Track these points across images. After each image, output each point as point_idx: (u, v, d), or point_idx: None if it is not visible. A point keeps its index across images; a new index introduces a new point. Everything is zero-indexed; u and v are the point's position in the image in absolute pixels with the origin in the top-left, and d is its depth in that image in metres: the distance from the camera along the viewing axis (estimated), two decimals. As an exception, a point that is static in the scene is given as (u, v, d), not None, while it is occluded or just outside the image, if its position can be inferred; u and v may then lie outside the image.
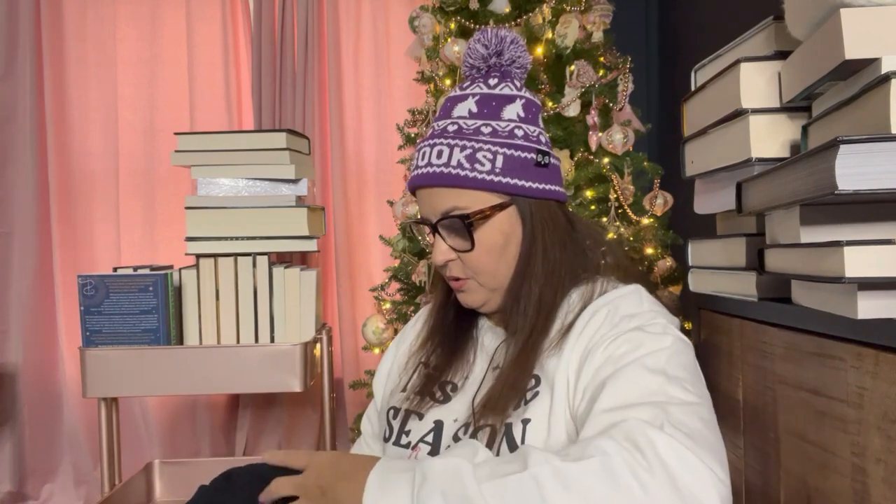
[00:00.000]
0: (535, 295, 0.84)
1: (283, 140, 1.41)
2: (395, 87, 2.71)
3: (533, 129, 0.87)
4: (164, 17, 2.66)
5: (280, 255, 1.57)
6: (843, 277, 0.70)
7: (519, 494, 0.62)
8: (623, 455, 0.61)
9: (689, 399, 0.70)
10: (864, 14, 0.74)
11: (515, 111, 0.86)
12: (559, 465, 0.62)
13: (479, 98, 0.86)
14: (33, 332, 2.52)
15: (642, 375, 0.72)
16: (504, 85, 0.87)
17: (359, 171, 2.72)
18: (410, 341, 0.99)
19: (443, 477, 0.65)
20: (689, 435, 0.64)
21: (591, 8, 1.91)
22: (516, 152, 0.84)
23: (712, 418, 0.71)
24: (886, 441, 0.67)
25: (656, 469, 0.60)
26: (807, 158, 0.74)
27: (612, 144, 1.83)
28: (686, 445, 0.62)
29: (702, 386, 0.76)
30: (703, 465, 0.62)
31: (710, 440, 0.66)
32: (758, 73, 0.96)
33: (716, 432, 0.69)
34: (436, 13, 1.96)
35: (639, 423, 0.64)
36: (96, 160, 2.63)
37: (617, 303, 0.82)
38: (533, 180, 0.85)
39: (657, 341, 0.75)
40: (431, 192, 0.86)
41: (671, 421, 0.65)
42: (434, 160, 0.84)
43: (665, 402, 0.68)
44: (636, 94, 1.99)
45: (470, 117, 0.85)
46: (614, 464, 0.61)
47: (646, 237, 1.86)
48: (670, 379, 0.71)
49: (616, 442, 0.63)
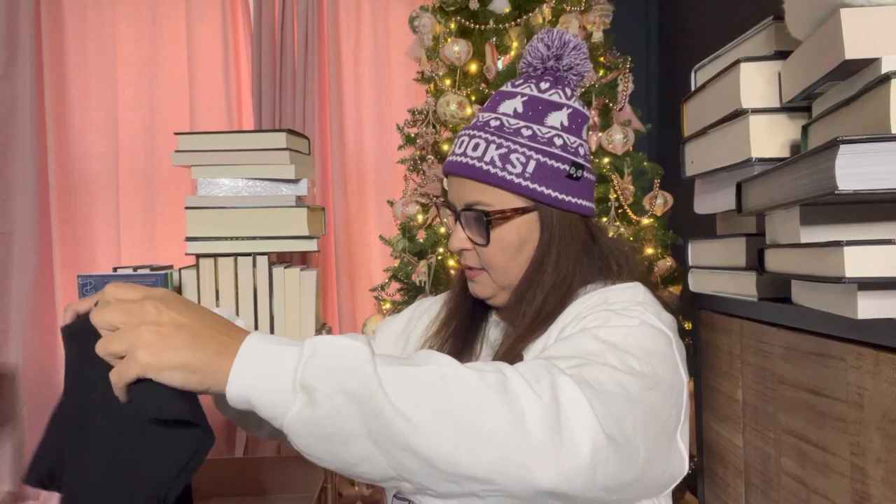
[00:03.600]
0: (538, 302, 0.84)
1: (283, 140, 1.40)
2: (395, 87, 2.71)
3: (573, 140, 0.87)
4: (164, 17, 2.66)
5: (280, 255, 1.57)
6: (843, 277, 0.70)
7: (415, 385, 0.59)
8: (518, 378, 0.61)
9: (621, 368, 0.68)
10: (864, 14, 0.74)
11: (560, 119, 0.86)
12: (458, 370, 0.61)
13: (527, 99, 0.87)
14: (33, 332, 2.52)
15: (589, 340, 0.72)
16: (554, 91, 0.87)
17: (359, 171, 2.72)
18: (425, 326, 1.00)
19: (335, 355, 0.58)
20: (596, 391, 0.63)
21: (591, 8, 1.91)
22: (550, 160, 0.84)
23: (642, 397, 0.68)
24: (886, 441, 0.67)
25: (546, 398, 0.60)
26: (807, 158, 0.74)
27: (612, 144, 1.83)
28: (584, 392, 0.62)
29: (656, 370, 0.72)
30: (592, 412, 0.61)
31: (618, 405, 0.64)
32: (758, 73, 0.96)
33: (632, 406, 0.66)
34: (436, 13, 1.96)
35: (548, 364, 0.64)
36: (96, 160, 2.63)
37: (609, 292, 0.83)
38: (561, 191, 0.85)
39: (622, 320, 0.75)
40: (461, 181, 0.87)
41: (584, 373, 0.65)
42: (469, 151, 0.85)
43: (594, 361, 0.68)
44: (636, 94, 1.99)
45: (514, 116, 0.86)
46: (510, 384, 0.61)
47: (646, 237, 1.86)
48: (615, 349, 0.70)
49: (516, 369, 0.63)
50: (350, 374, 0.57)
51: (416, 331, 1.01)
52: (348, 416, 0.56)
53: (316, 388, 0.56)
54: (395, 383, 0.58)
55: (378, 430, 0.57)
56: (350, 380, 0.57)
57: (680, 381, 0.76)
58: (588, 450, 0.60)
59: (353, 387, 0.57)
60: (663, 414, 0.71)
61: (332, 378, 0.57)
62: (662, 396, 0.71)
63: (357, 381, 0.57)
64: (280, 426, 0.57)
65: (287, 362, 0.58)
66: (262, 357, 0.58)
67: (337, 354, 0.59)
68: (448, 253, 1.85)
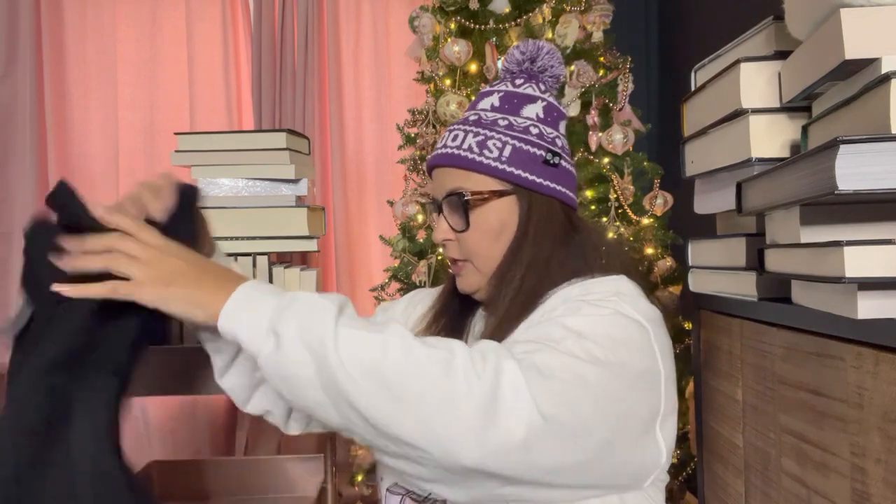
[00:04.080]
0: (517, 282, 0.85)
1: (283, 140, 1.40)
2: (395, 87, 2.71)
3: (550, 131, 0.90)
4: (164, 17, 2.66)
5: (280, 255, 1.57)
6: (843, 277, 0.70)
7: (366, 348, 0.65)
8: (465, 357, 0.66)
9: (581, 356, 0.69)
10: (864, 14, 0.74)
11: (535, 111, 0.89)
12: (410, 342, 0.66)
13: (503, 94, 0.91)
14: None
15: (554, 328, 0.74)
16: (528, 85, 0.91)
17: (359, 171, 2.72)
18: (419, 316, 1.01)
19: (307, 308, 0.67)
20: (543, 375, 0.66)
21: (591, 8, 1.91)
22: (526, 146, 0.87)
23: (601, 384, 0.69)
24: (886, 441, 0.67)
25: (486, 379, 0.64)
26: (807, 158, 0.74)
27: (612, 144, 1.83)
28: (528, 378, 0.65)
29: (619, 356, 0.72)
30: (529, 396, 0.64)
31: (566, 390, 0.66)
32: (758, 73, 0.96)
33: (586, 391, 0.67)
34: (436, 13, 1.96)
35: (499, 348, 0.69)
36: (96, 160, 2.63)
37: (590, 285, 0.82)
38: (538, 175, 0.87)
39: (594, 309, 0.76)
40: (442, 171, 0.90)
41: (535, 358, 0.68)
42: (449, 143, 0.89)
43: (551, 348, 0.69)
44: (636, 94, 1.99)
45: (491, 110, 0.90)
46: (455, 362, 0.65)
47: (646, 237, 1.86)
48: (579, 337, 0.71)
49: (468, 353, 0.67)
50: (313, 326, 0.65)
51: (409, 322, 1.02)
52: (304, 364, 0.65)
53: (282, 334, 0.65)
54: (347, 342, 0.65)
55: (327, 381, 0.64)
56: (311, 331, 0.65)
57: (656, 371, 0.76)
58: (521, 431, 0.63)
59: (312, 338, 0.65)
60: (628, 402, 0.72)
61: (298, 327, 0.65)
62: (629, 385, 0.72)
63: (316, 334, 0.65)
64: (257, 362, 0.67)
65: (267, 307, 0.67)
66: (249, 301, 0.68)
67: (308, 307, 0.67)
68: (448, 253, 1.85)
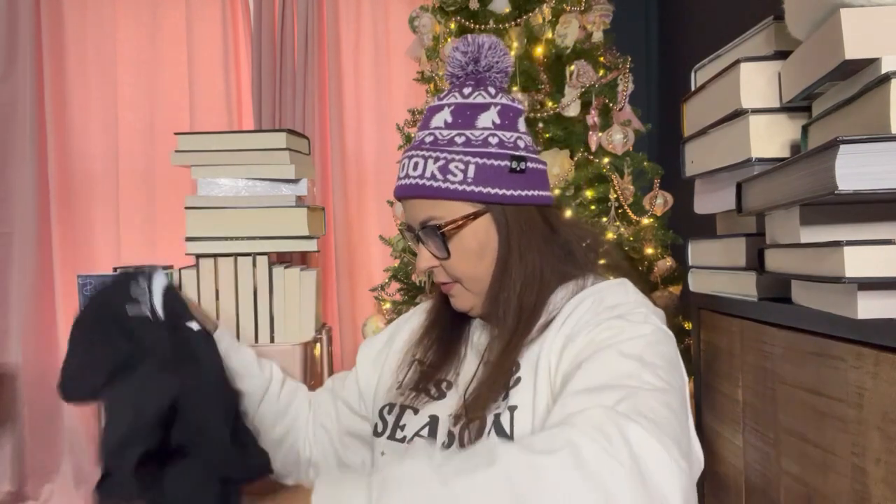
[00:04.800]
0: (514, 300, 0.85)
1: (283, 140, 1.40)
2: (395, 87, 2.71)
3: (510, 135, 0.87)
4: (164, 18, 2.66)
5: (280, 255, 1.57)
6: (843, 277, 0.70)
7: (489, 489, 0.59)
8: (591, 446, 0.60)
9: (661, 385, 0.70)
10: (864, 14, 0.74)
11: (490, 119, 0.86)
12: (529, 459, 0.60)
13: (454, 108, 0.87)
14: (33, 332, 2.52)
15: (617, 359, 0.72)
16: (478, 93, 0.88)
17: (359, 171, 2.72)
18: (405, 339, 1.00)
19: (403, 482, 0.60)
20: (655, 422, 0.64)
21: (591, 8, 1.91)
22: (489, 160, 0.84)
23: (682, 408, 0.72)
24: (886, 441, 0.67)
25: (624, 458, 0.60)
26: (807, 158, 0.74)
27: (612, 144, 1.83)
28: (652, 433, 0.62)
29: (677, 376, 0.76)
30: (667, 455, 0.62)
31: (675, 429, 0.66)
32: (758, 73, 0.96)
33: (682, 422, 0.70)
34: (436, 13, 1.96)
35: (606, 411, 0.64)
36: (96, 160, 2.63)
37: (603, 293, 0.83)
38: (507, 187, 0.85)
39: (637, 329, 0.76)
40: (411, 202, 0.88)
41: (638, 406, 0.66)
42: (411, 172, 0.86)
43: (636, 386, 0.69)
44: (636, 94, 1.99)
45: (445, 128, 0.86)
46: (584, 454, 0.60)
47: (646, 237, 1.86)
48: (645, 364, 0.72)
49: (583, 432, 0.62)
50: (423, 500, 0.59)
51: (396, 345, 1.01)
52: None
53: None
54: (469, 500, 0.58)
55: None
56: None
57: (685, 380, 0.79)
58: (679, 495, 0.61)
59: None
60: (686, 417, 0.74)
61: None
62: (683, 400, 0.74)
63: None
64: None
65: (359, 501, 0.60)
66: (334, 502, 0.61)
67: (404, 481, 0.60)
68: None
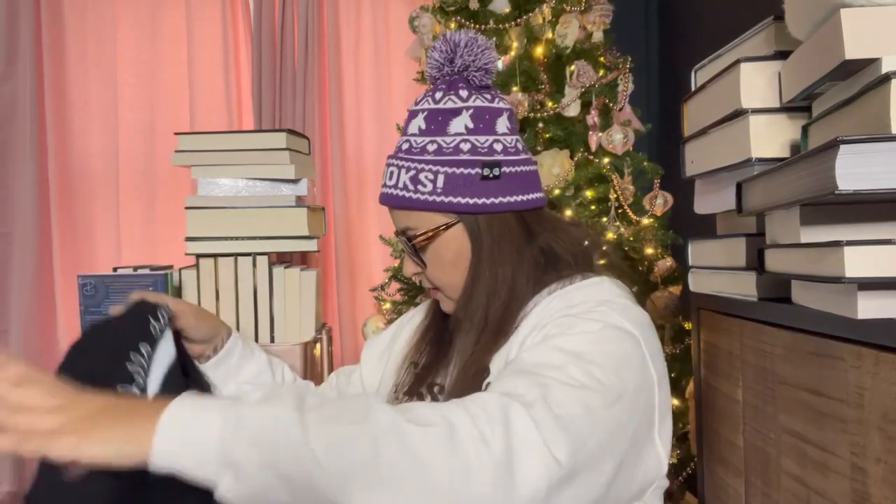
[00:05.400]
0: (480, 311, 0.83)
1: (283, 140, 1.40)
2: (395, 87, 2.71)
3: (483, 139, 0.83)
4: (164, 17, 2.66)
5: (280, 255, 1.57)
6: (843, 277, 0.70)
7: (349, 445, 0.56)
8: (468, 428, 0.59)
9: (586, 383, 0.66)
10: (864, 14, 0.74)
11: (463, 123, 0.83)
12: (401, 426, 0.58)
13: (427, 114, 0.85)
14: (33, 332, 2.52)
15: (549, 351, 0.70)
16: (448, 98, 0.84)
17: (359, 171, 2.72)
18: (406, 339, 1.00)
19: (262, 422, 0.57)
20: (556, 417, 0.61)
21: (591, 8, 1.91)
22: (458, 169, 0.82)
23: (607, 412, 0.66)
24: (886, 441, 0.67)
25: (495, 446, 0.58)
26: (807, 158, 0.74)
27: (612, 144, 1.83)
28: (540, 426, 0.60)
29: (628, 376, 0.71)
30: (546, 449, 0.59)
31: (579, 429, 0.63)
32: (758, 73, 0.96)
33: (595, 426, 0.65)
34: (436, 13, 1.96)
35: (501, 397, 0.62)
36: (96, 160, 2.63)
37: (571, 293, 0.80)
38: (478, 196, 0.82)
39: (585, 325, 0.73)
40: (391, 211, 0.88)
41: (547, 397, 0.63)
42: (387, 181, 0.86)
43: (556, 378, 0.66)
44: (636, 94, 1.99)
45: (419, 134, 0.85)
46: (458, 434, 0.58)
47: (646, 237, 1.86)
48: (578, 360, 0.68)
49: (468, 412, 0.60)
50: (278, 445, 0.56)
51: (398, 345, 1.01)
52: (278, 490, 0.56)
53: (241, 464, 0.56)
54: (327, 451, 0.56)
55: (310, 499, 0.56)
56: (278, 453, 0.56)
57: (649, 382, 0.74)
58: (543, 485, 0.59)
59: (281, 460, 0.56)
60: (631, 425, 0.70)
61: (258, 451, 0.56)
62: (630, 406, 0.70)
63: (285, 454, 0.56)
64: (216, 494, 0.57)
65: (210, 432, 0.56)
66: (183, 426, 0.57)
67: (262, 423, 0.57)
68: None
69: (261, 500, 0.57)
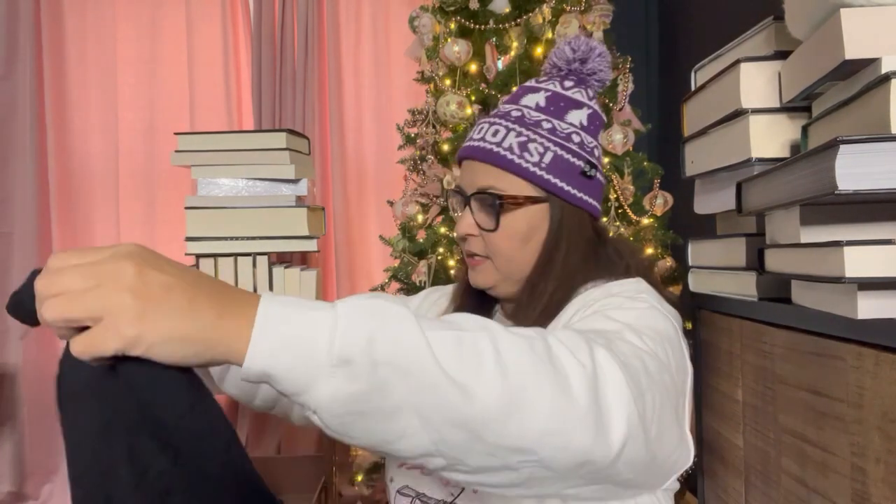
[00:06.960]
0: (547, 295, 0.85)
1: (283, 140, 1.41)
2: (395, 87, 2.71)
3: (590, 140, 0.89)
4: (164, 17, 2.66)
5: (280, 255, 1.57)
6: (843, 277, 0.70)
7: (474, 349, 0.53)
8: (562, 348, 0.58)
9: (642, 347, 0.67)
10: (864, 14, 0.74)
11: (580, 118, 0.88)
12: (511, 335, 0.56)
13: (551, 95, 0.89)
14: (33, 332, 2.53)
15: (603, 321, 0.71)
16: (578, 90, 0.89)
17: (359, 171, 2.72)
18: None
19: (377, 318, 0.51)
20: (625, 364, 0.61)
21: (591, 8, 1.91)
22: (567, 155, 0.86)
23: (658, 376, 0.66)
24: (886, 441, 0.67)
25: (587, 366, 0.57)
26: (807, 158, 0.74)
27: (612, 144, 1.83)
28: (620, 368, 0.60)
29: (672, 353, 0.72)
30: (626, 385, 0.59)
31: (640, 382, 0.62)
32: (758, 73, 0.96)
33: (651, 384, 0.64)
34: (436, 13, 1.95)
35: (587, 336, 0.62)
36: (96, 160, 2.63)
37: (611, 285, 0.83)
38: (574, 186, 0.86)
39: (633, 303, 0.76)
40: (476, 165, 0.88)
41: (613, 349, 0.63)
42: (489, 137, 0.87)
43: (616, 339, 0.66)
44: (636, 94, 1.99)
45: (535, 109, 0.88)
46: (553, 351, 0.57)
47: (646, 237, 1.86)
48: (630, 329, 0.69)
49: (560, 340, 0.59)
50: (397, 341, 0.50)
51: None
52: (394, 391, 0.50)
53: (357, 361, 0.49)
54: (447, 351, 0.51)
55: (427, 402, 0.50)
56: (398, 348, 0.50)
57: (686, 369, 0.77)
58: (623, 425, 0.58)
59: (402, 356, 0.50)
60: (673, 397, 0.70)
61: (376, 347, 0.49)
62: (672, 380, 0.70)
63: (406, 350, 0.50)
64: (304, 402, 0.50)
65: (320, 330, 0.49)
66: (287, 323, 0.49)
67: (378, 319, 0.51)
68: (448, 253, 1.85)
69: (369, 404, 0.50)
